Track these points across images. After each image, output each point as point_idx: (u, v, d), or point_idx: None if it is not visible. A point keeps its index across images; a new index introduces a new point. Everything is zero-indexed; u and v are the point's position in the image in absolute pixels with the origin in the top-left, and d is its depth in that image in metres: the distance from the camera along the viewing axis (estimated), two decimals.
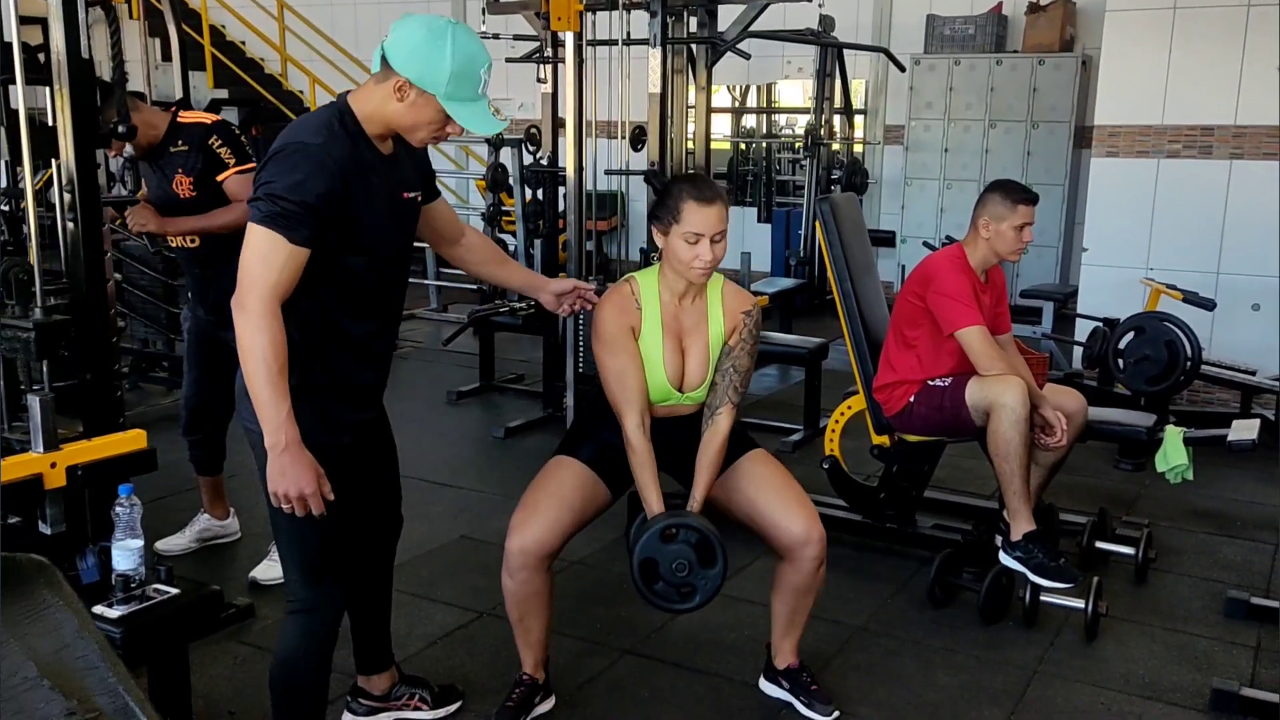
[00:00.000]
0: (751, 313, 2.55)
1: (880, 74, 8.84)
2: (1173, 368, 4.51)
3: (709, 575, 2.39)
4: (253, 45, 10.46)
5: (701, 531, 2.38)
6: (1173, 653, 3.03)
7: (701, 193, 2.37)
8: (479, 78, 1.98)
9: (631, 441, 2.45)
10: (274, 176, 1.93)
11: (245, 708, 2.62)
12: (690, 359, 2.52)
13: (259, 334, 1.91)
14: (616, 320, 2.46)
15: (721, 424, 2.50)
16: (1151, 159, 5.50)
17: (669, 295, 2.50)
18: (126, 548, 2.16)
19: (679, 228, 2.38)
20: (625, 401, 2.45)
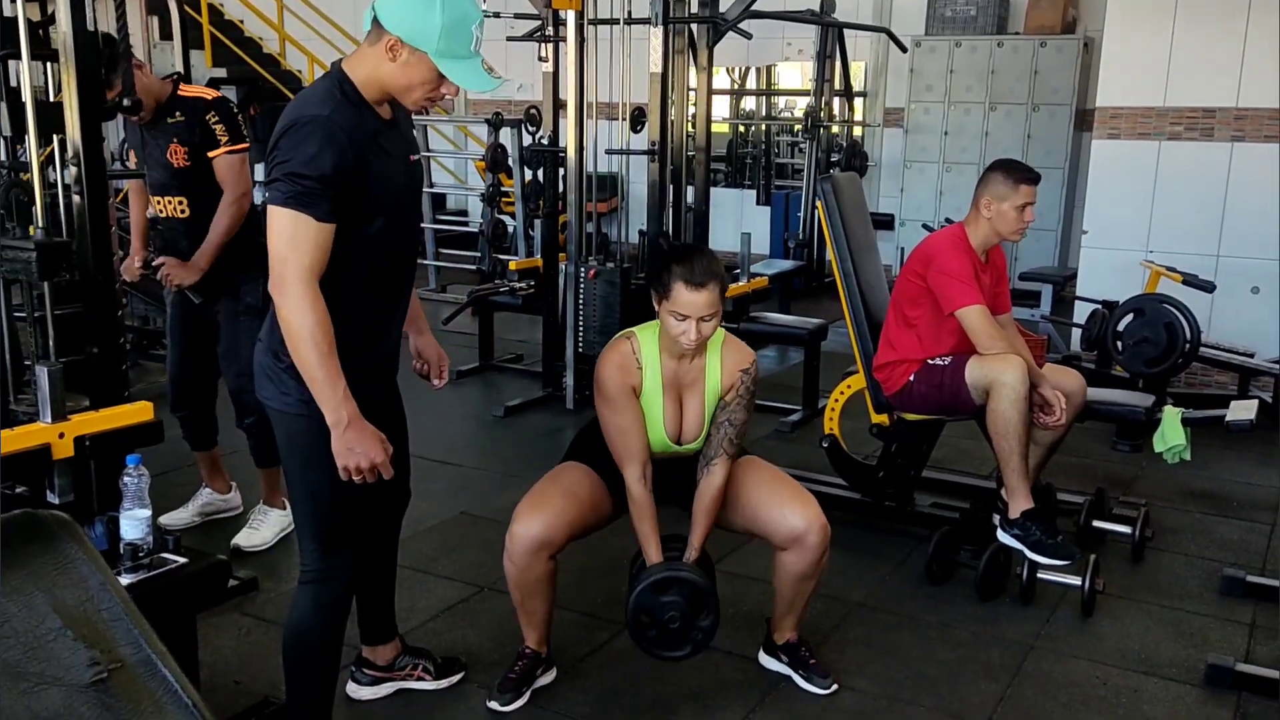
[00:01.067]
0: (749, 370, 2.59)
1: (880, 56, 8.83)
2: (1171, 350, 4.54)
3: (701, 627, 2.50)
4: (251, 24, 10.41)
5: (695, 585, 2.47)
6: (1168, 629, 3.07)
7: (693, 276, 2.39)
8: (471, 34, 1.94)
9: (633, 493, 2.52)
10: (288, 154, 1.91)
11: (251, 678, 2.65)
12: (688, 414, 2.59)
13: (305, 315, 1.92)
14: (618, 380, 2.52)
15: (716, 475, 2.55)
16: (1153, 141, 5.51)
17: (669, 356, 2.55)
18: (135, 517, 2.17)
19: (669, 304, 2.43)
20: (627, 455, 2.52)
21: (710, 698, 2.66)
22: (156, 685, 0.96)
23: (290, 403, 2.07)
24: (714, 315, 2.44)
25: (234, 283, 3.31)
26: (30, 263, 2.37)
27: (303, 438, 2.08)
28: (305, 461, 2.11)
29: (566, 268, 5.11)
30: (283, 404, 2.09)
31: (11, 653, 0.93)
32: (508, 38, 6.96)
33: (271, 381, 2.10)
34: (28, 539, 0.99)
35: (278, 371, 2.08)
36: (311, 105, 1.96)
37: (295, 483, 2.17)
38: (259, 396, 2.16)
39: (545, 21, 5.49)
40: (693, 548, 2.56)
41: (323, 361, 1.93)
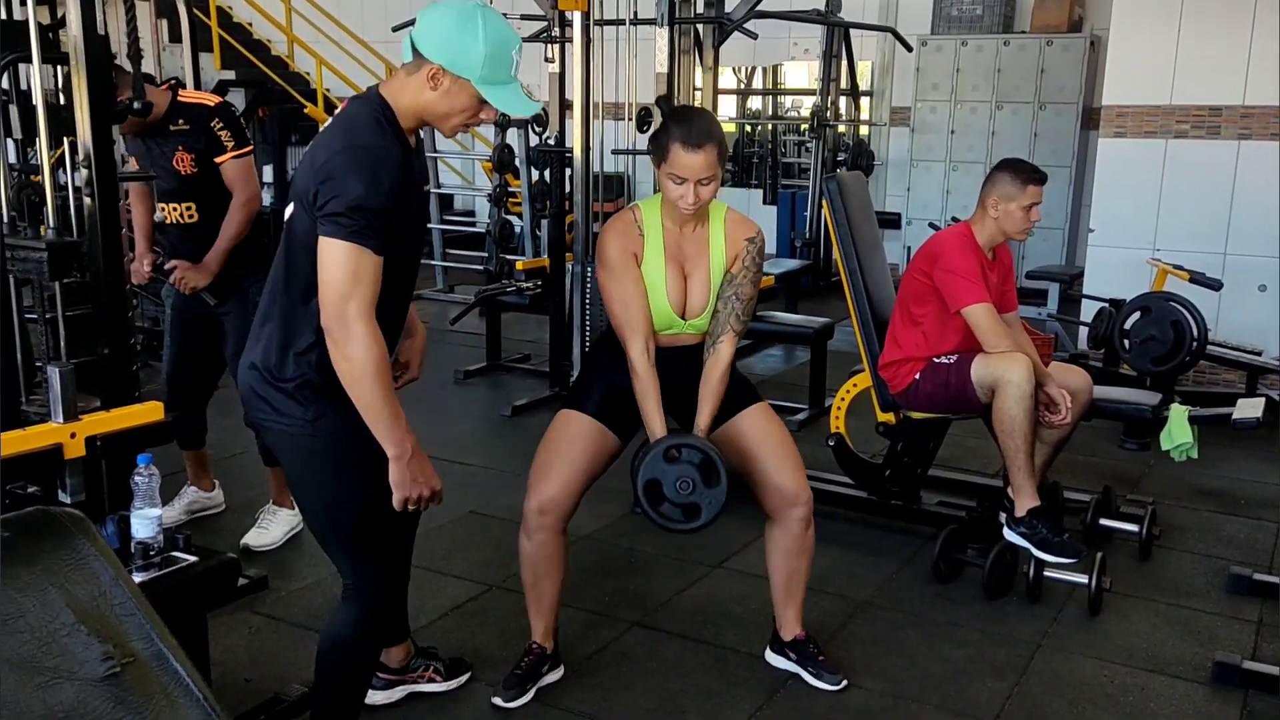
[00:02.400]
0: (755, 239, 2.57)
1: (886, 55, 8.82)
2: (1178, 348, 4.53)
3: (713, 494, 2.42)
4: (259, 27, 10.46)
5: (704, 452, 2.42)
6: (1175, 627, 3.07)
7: (690, 137, 2.36)
8: (511, 59, 1.95)
9: (636, 367, 2.48)
10: (346, 185, 1.87)
11: (260, 675, 2.66)
12: (692, 286, 2.54)
13: (369, 351, 1.88)
14: (620, 246, 2.49)
15: (723, 352, 2.53)
16: (1159, 139, 5.50)
17: (671, 223, 2.52)
18: (145, 516, 2.19)
19: (667, 167, 2.40)
20: (630, 327, 2.47)
21: (718, 696, 2.67)
22: (169, 679, 0.98)
23: (294, 423, 2.03)
24: (712, 178, 2.41)
25: (241, 284, 3.34)
26: (42, 262, 2.40)
27: (315, 458, 2.06)
28: (322, 481, 2.08)
29: (573, 268, 5.12)
30: (286, 425, 2.04)
31: (26, 647, 0.95)
32: None
33: (270, 405, 2.04)
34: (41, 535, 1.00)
35: (277, 394, 2.03)
36: (363, 133, 1.93)
37: (313, 502, 2.13)
38: (255, 419, 2.11)
39: (551, 22, 5.51)
40: (699, 426, 2.51)
41: (386, 395, 1.93)
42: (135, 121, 3.13)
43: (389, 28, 7.86)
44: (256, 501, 3.63)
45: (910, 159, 8.38)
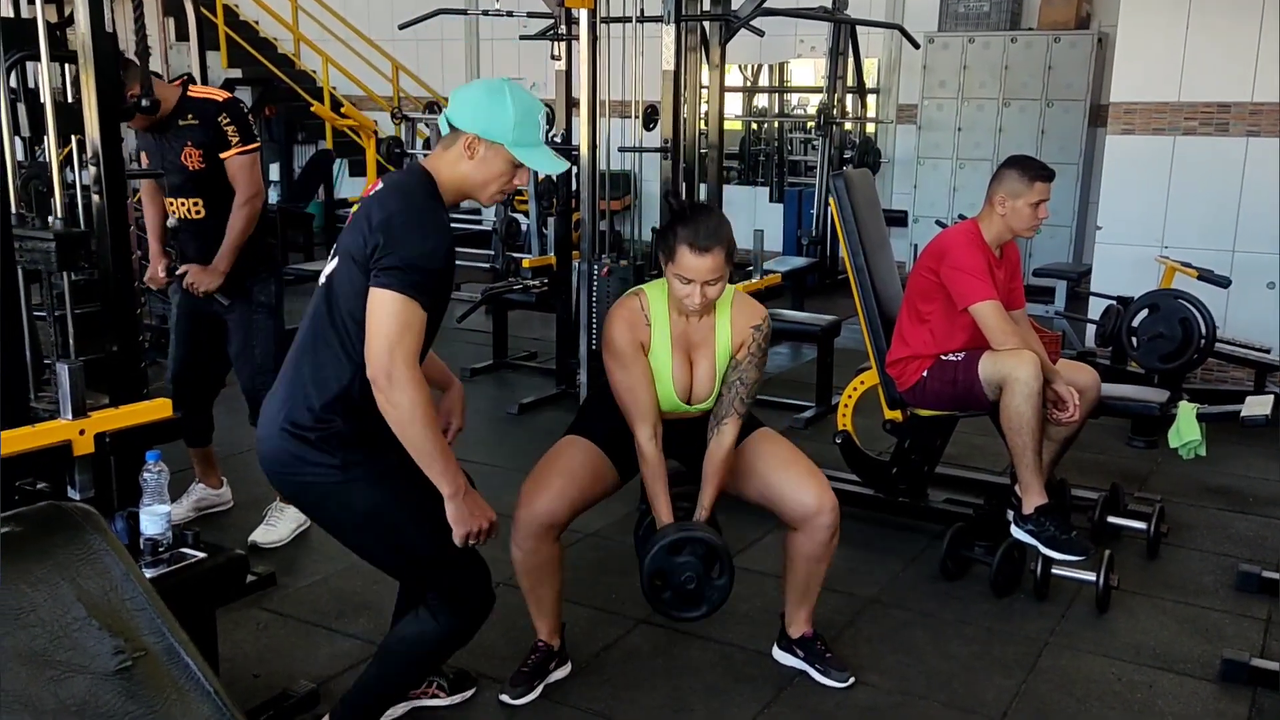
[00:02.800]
0: (761, 327, 2.58)
1: (893, 52, 8.81)
2: (1187, 345, 4.52)
3: (716, 586, 2.48)
4: (266, 25, 10.47)
5: (709, 544, 2.46)
6: (1184, 625, 3.06)
7: (698, 240, 2.38)
8: (538, 123, 2.10)
9: (644, 452, 2.51)
10: (406, 243, 1.97)
11: (269, 671, 2.67)
12: (698, 373, 2.57)
13: (417, 396, 1.97)
14: (627, 336, 2.51)
15: (727, 435, 2.55)
16: (1167, 136, 5.48)
17: (678, 313, 2.54)
18: (154, 513, 2.20)
19: (673, 267, 2.43)
20: (637, 414, 2.51)
21: (725, 693, 2.67)
22: (179, 673, 0.98)
23: (326, 472, 2.06)
24: (719, 279, 2.42)
25: (245, 284, 3.34)
26: (49, 253, 2.40)
27: (357, 503, 2.09)
28: (376, 528, 2.12)
29: (580, 265, 5.12)
30: (320, 476, 2.07)
31: (38, 641, 0.95)
32: (520, 36, 6.99)
33: (298, 458, 2.07)
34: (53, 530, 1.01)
35: (303, 444, 2.06)
36: (421, 198, 2.06)
37: (373, 549, 2.18)
38: (279, 476, 2.13)
39: (558, 20, 5.50)
40: (703, 507, 2.54)
41: (435, 437, 2.03)
42: (144, 117, 3.14)
43: (395, 26, 7.87)
44: (264, 499, 3.64)
45: (917, 156, 8.36)
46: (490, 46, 10.42)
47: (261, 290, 3.38)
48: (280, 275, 3.51)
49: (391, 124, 9.00)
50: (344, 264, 2.06)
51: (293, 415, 2.07)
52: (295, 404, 2.08)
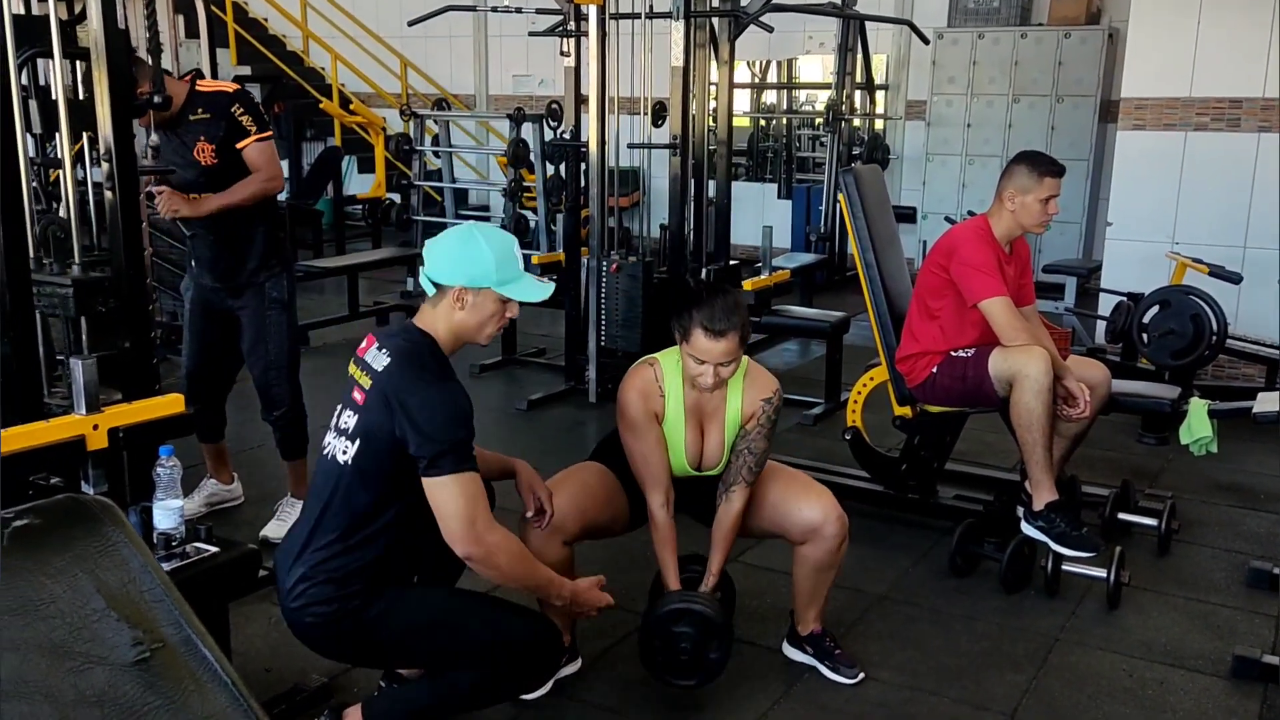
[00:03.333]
0: (771, 400, 2.60)
1: (902, 48, 8.79)
2: (1198, 341, 4.51)
3: (711, 660, 2.52)
4: (275, 22, 10.49)
5: (707, 619, 2.49)
6: (1195, 621, 3.05)
7: (714, 324, 2.40)
8: (515, 256, 2.16)
9: (655, 518, 2.56)
10: (445, 427, 2.04)
11: (280, 665, 2.68)
12: (709, 441, 2.61)
13: (509, 552, 2.12)
14: (640, 406, 2.55)
15: (735, 503, 2.58)
16: (1178, 132, 5.46)
17: (690, 385, 2.56)
18: (167, 507, 2.21)
19: (688, 348, 2.45)
20: (650, 481, 2.56)
21: (735, 688, 2.67)
22: (197, 664, 0.99)
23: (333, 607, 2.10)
24: (733, 361, 2.46)
25: (259, 280, 3.35)
26: (68, 299, 2.42)
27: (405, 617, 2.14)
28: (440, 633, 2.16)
29: (589, 262, 5.13)
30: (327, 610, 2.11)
31: (58, 633, 0.96)
32: (530, 33, 6.99)
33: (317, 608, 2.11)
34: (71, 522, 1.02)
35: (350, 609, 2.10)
36: (435, 367, 2.11)
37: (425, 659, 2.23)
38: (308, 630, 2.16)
39: (567, 16, 5.51)
40: (711, 573, 2.61)
41: (535, 573, 2.19)
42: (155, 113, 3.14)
43: (404, 23, 7.89)
44: (275, 494, 3.66)
45: (926, 153, 8.34)
46: (499, 43, 10.43)
47: (274, 286, 3.39)
48: (292, 271, 3.52)
49: (400, 121, 9.01)
50: (368, 450, 2.08)
51: (314, 606, 2.10)
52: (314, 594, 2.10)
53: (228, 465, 3.74)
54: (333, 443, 2.15)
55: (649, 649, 2.53)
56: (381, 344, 2.14)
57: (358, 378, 2.14)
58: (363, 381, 2.12)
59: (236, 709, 0.98)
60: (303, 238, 8.70)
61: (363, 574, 2.10)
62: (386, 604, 2.11)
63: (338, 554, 2.09)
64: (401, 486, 2.09)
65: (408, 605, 2.14)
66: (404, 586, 2.16)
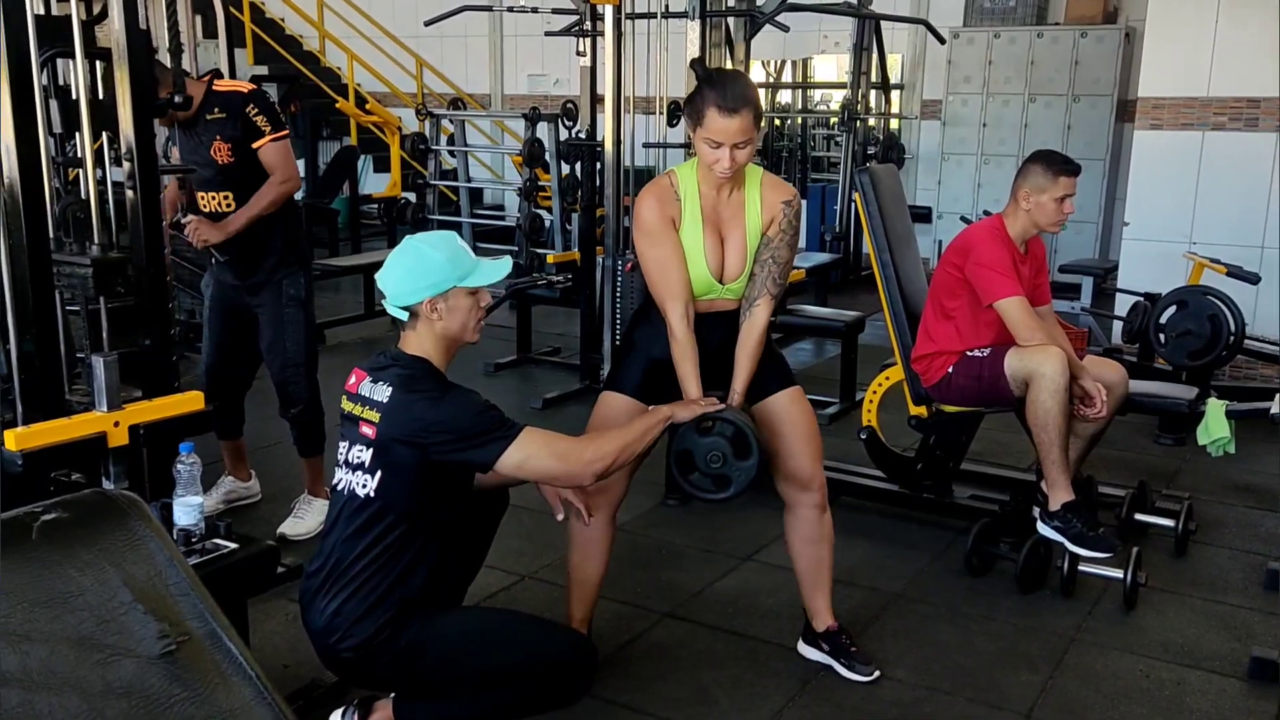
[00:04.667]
0: (791, 203, 2.55)
1: (918, 48, 8.77)
2: (1215, 342, 4.48)
3: (743, 467, 2.43)
4: (292, 22, 10.54)
5: (736, 425, 2.42)
6: (1212, 622, 3.04)
7: (725, 101, 2.35)
8: (462, 248, 2.18)
9: (675, 332, 2.49)
10: (482, 416, 2.08)
11: (298, 662, 2.70)
12: (729, 249, 2.54)
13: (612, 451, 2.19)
14: (657, 211, 2.49)
15: (759, 315, 2.54)
16: (1196, 131, 5.43)
17: (707, 187, 2.52)
18: (187, 504, 2.23)
19: (702, 131, 2.40)
20: (669, 292, 2.50)
21: (750, 686, 2.68)
22: (222, 657, 1.00)
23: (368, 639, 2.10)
24: (748, 142, 2.40)
25: (277, 278, 3.37)
26: (87, 279, 2.44)
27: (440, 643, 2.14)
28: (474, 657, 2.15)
29: (604, 261, 5.13)
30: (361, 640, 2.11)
31: (86, 625, 0.97)
32: (545, 33, 7.00)
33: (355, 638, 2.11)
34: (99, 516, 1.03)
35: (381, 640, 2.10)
36: (436, 384, 2.14)
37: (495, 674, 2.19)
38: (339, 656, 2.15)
39: (583, 16, 5.52)
40: (735, 392, 2.53)
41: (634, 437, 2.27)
42: (173, 115, 3.16)
43: (419, 23, 7.91)
44: (292, 491, 3.68)
45: (941, 152, 8.32)
46: (514, 43, 10.45)
47: (292, 284, 3.41)
48: (310, 269, 3.54)
49: (416, 120, 9.03)
50: (392, 479, 2.08)
51: (346, 640, 2.11)
52: (345, 629, 2.10)
53: (245, 463, 3.77)
54: (346, 478, 2.15)
55: (680, 466, 2.45)
56: (376, 377, 2.14)
57: (359, 413, 2.13)
58: (368, 415, 2.11)
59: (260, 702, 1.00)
60: (318, 236, 8.74)
61: (392, 603, 2.10)
62: (416, 632, 2.10)
63: (365, 584, 2.10)
64: (424, 512, 2.10)
65: (439, 632, 2.13)
66: (432, 613, 2.15)
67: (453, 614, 2.22)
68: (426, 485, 2.09)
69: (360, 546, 2.11)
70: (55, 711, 0.94)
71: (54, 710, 0.94)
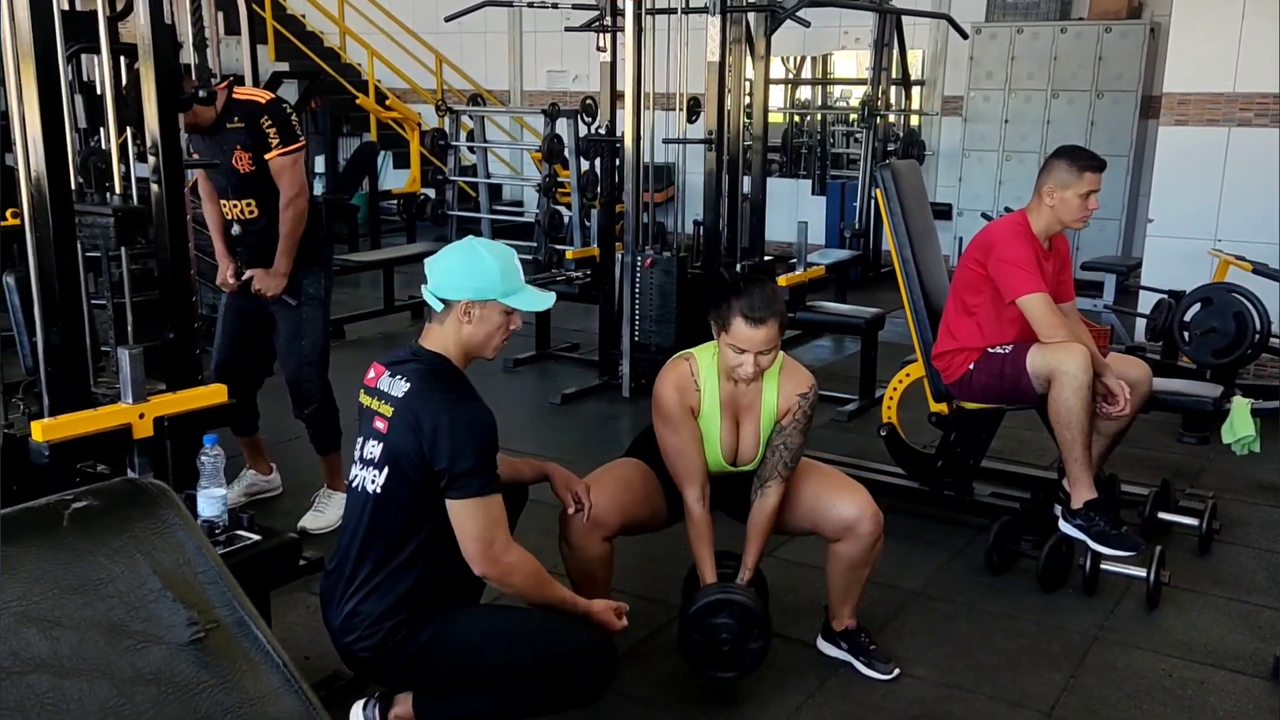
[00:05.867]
0: (807, 395, 2.59)
1: (939, 44, 8.72)
2: (1240, 340, 4.44)
3: (751, 650, 2.52)
4: (313, 18, 10.59)
5: (746, 608, 2.50)
6: (1236, 622, 3.02)
7: (754, 312, 2.40)
8: (517, 267, 2.18)
9: (691, 513, 2.56)
10: (471, 449, 2.05)
11: (320, 654, 2.70)
12: (744, 436, 2.61)
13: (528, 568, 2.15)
14: (677, 400, 2.55)
15: (770, 498, 2.58)
16: (1221, 127, 5.38)
17: (726, 379, 2.56)
18: (211, 495, 2.25)
19: (727, 337, 2.45)
20: (686, 476, 2.56)
21: (769, 683, 2.67)
22: (250, 645, 1.01)
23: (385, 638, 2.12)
24: (772, 350, 2.46)
25: (298, 279, 3.39)
26: (108, 228, 2.44)
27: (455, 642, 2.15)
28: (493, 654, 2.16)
29: (623, 257, 5.13)
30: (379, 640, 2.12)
31: (116, 612, 0.98)
32: (565, 28, 7.01)
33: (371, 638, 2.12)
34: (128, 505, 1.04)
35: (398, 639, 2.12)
36: (457, 387, 2.13)
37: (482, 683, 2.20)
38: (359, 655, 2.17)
39: (603, 11, 5.52)
40: (746, 568, 2.61)
41: (550, 590, 2.20)
42: (193, 121, 3.17)
43: (439, 19, 7.93)
44: (311, 485, 3.70)
45: (962, 149, 8.28)
46: (534, 39, 10.46)
47: (311, 283, 3.43)
48: (330, 268, 3.56)
49: (435, 116, 9.07)
50: (397, 476, 2.09)
51: (364, 640, 2.12)
52: (362, 628, 2.12)
53: (265, 456, 3.79)
54: (360, 474, 2.16)
55: (689, 642, 2.53)
56: (395, 371, 2.14)
57: (376, 407, 2.14)
58: (383, 410, 2.12)
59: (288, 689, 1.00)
60: (339, 232, 8.79)
61: (406, 602, 2.10)
62: (434, 632, 2.11)
63: (379, 585, 2.11)
64: (434, 509, 2.09)
65: (456, 631, 2.14)
66: (449, 610, 2.16)
67: (470, 613, 2.22)
68: (429, 484, 2.07)
69: (373, 546, 2.12)
70: (85, 697, 0.95)
71: (84, 696, 0.94)
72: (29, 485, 2.24)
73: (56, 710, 0.92)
